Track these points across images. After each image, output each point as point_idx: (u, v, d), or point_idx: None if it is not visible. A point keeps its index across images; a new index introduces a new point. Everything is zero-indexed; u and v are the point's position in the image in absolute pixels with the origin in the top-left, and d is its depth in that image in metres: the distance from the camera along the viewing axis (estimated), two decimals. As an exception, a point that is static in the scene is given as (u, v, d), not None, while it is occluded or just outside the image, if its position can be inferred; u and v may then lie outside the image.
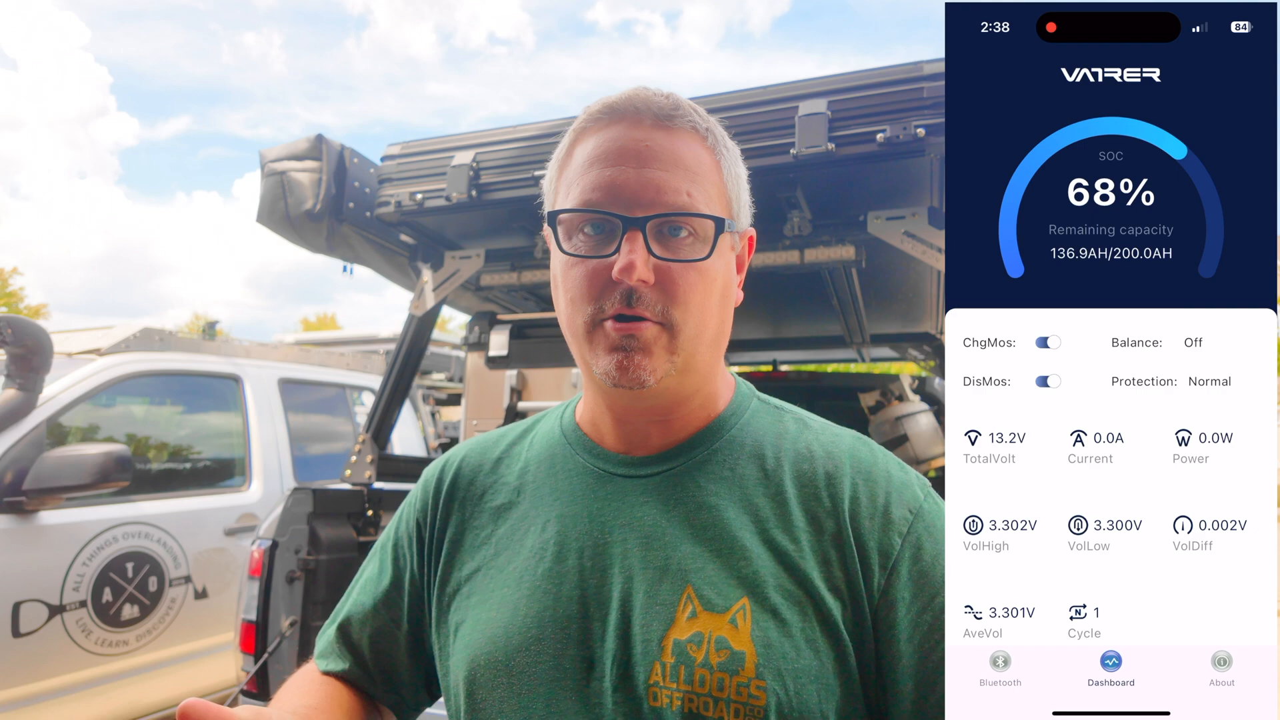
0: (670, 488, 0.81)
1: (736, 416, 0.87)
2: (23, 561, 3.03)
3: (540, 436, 0.93)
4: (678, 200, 0.76)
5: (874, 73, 2.18)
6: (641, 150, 0.77)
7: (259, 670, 2.51)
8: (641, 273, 0.74)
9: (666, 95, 0.80)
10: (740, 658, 0.72)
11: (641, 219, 0.75)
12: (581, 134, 0.82)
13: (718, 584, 0.75)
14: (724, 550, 0.76)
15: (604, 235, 0.77)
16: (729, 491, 0.80)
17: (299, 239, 2.90)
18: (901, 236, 2.31)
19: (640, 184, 0.76)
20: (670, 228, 0.77)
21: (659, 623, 0.74)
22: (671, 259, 0.76)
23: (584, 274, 0.78)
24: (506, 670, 0.78)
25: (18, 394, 3.11)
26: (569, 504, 0.84)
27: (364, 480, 2.89)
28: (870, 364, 5.57)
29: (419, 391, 5.88)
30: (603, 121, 0.80)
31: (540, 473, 0.88)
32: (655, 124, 0.78)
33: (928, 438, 3.49)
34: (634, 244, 0.75)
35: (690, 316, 0.77)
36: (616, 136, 0.78)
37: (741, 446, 0.84)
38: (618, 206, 0.76)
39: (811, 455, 0.82)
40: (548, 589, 0.80)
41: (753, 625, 0.73)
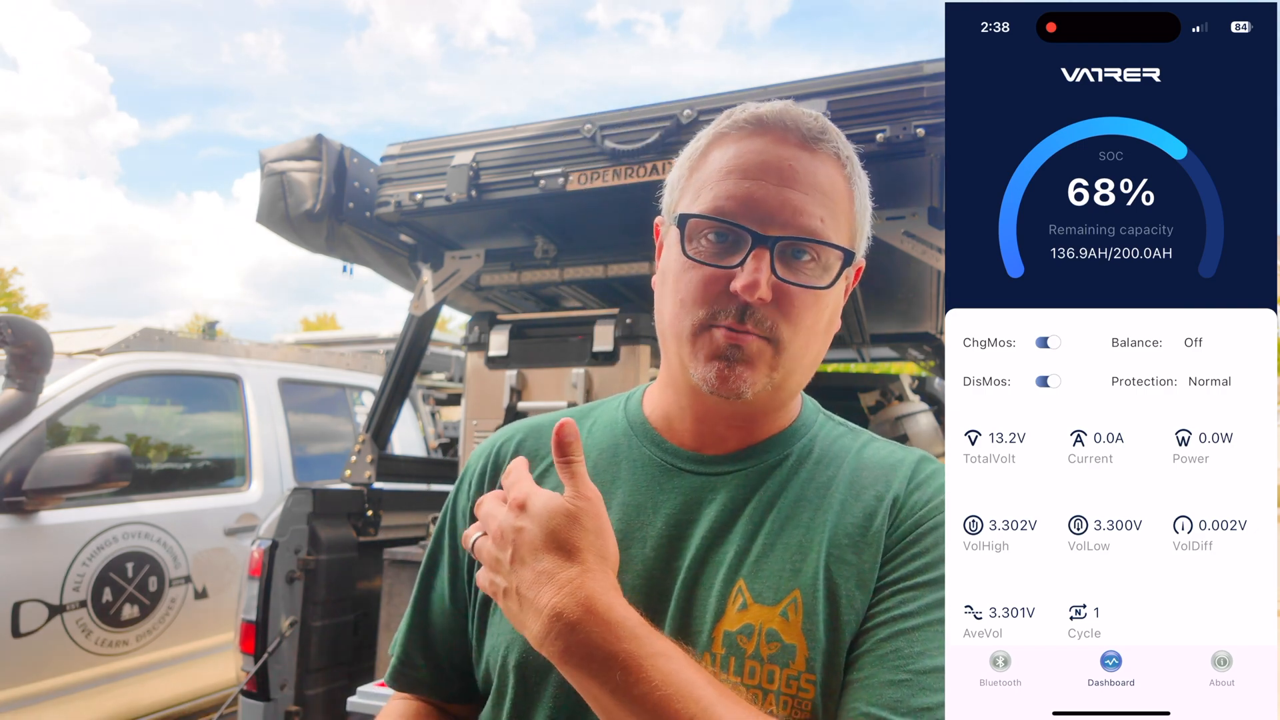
0: (738, 488, 0.83)
1: (807, 428, 0.88)
2: (23, 561, 3.03)
3: (601, 424, 0.94)
4: (811, 225, 0.76)
5: (874, 73, 2.18)
6: (784, 168, 0.77)
7: (259, 670, 2.51)
8: (763, 292, 0.75)
9: (815, 117, 0.80)
10: (791, 651, 0.73)
11: (774, 238, 0.76)
12: (721, 139, 0.81)
13: (769, 578, 0.76)
14: (779, 546, 0.78)
15: (729, 245, 0.77)
16: (793, 495, 0.82)
17: (299, 239, 2.90)
18: (901, 236, 2.31)
19: (778, 202, 0.76)
20: (795, 250, 0.77)
21: (710, 614, 0.76)
22: (793, 282, 0.77)
23: (701, 279, 0.78)
24: None
25: (18, 394, 3.11)
26: (633, 494, 0.85)
27: (364, 480, 2.89)
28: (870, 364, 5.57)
29: (419, 391, 5.87)
30: (747, 130, 0.79)
31: (602, 460, 0.89)
32: (801, 144, 0.78)
33: (928, 438, 3.49)
34: (760, 261, 0.75)
35: (799, 338, 0.78)
36: (760, 150, 0.78)
37: (810, 455, 0.86)
38: (751, 221, 0.76)
39: (877, 465, 0.84)
40: None
41: (804, 618, 0.74)
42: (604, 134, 2.40)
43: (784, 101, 0.82)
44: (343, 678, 2.65)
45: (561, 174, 2.45)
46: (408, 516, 3.02)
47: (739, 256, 0.76)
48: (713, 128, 0.83)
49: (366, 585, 2.75)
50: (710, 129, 0.83)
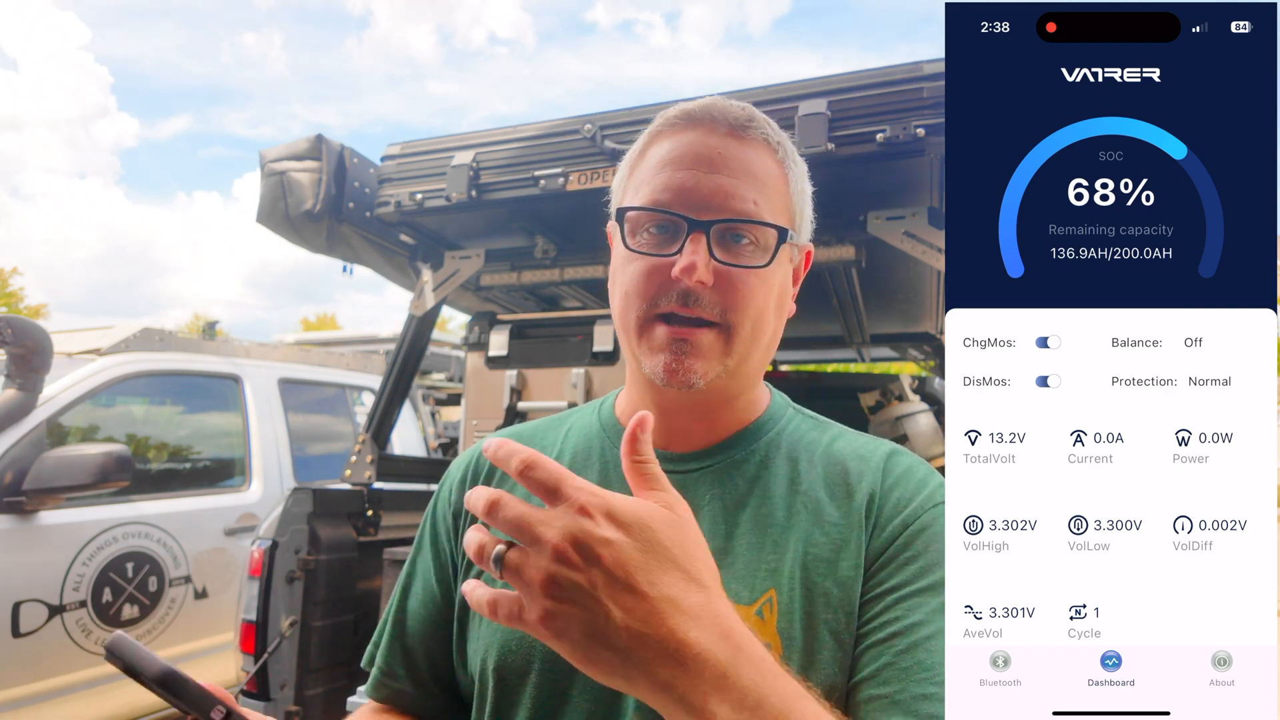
0: (708, 484, 0.84)
1: (774, 421, 0.89)
2: (23, 561, 3.03)
3: (576, 429, 0.94)
4: (744, 207, 0.79)
5: (874, 73, 2.18)
6: (714, 156, 0.80)
7: (259, 670, 2.51)
8: (701, 274, 0.76)
9: (743, 106, 0.82)
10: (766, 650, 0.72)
11: (707, 222, 0.78)
12: (656, 137, 0.84)
13: (745, 577, 0.76)
14: (754, 545, 0.78)
15: (668, 235, 0.80)
16: (763, 490, 0.82)
17: (299, 239, 2.90)
18: (901, 236, 2.31)
19: (710, 189, 0.78)
20: (733, 234, 0.79)
21: None
22: (732, 264, 0.78)
23: (643, 270, 0.80)
24: (541, 655, 0.79)
25: (18, 394, 3.11)
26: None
27: (364, 480, 2.89)
28: (870, 364, 5.57)
29: (419, 391, 5.87)
30: (679, 126, 0.82)
31: (576, 463, 0.90)
32: (730, 132, 0.81)
33: (928, 438, 3.49)
34: (697, 245, 0.77)
35: (747, 320, 0.80)
36: (691, 142, 0.81)
37: (779, 449, 0.86)
38: (685, 208, 0.78)
39: (846, 457, 0.84)
40: None
41: (779, 617, 0.74)
42: (604, 134, 2.40)
43: (714, 96, 0.84)
44: (343, 678, 2.65)
45: (561, 174, 2.45)
46: (408, 516, 3.03)
47: (678, 244, 0.78)
48: (649, 128, 0.86)
49: (366, 585, 2.75)
50: (646, 130, 0.86)
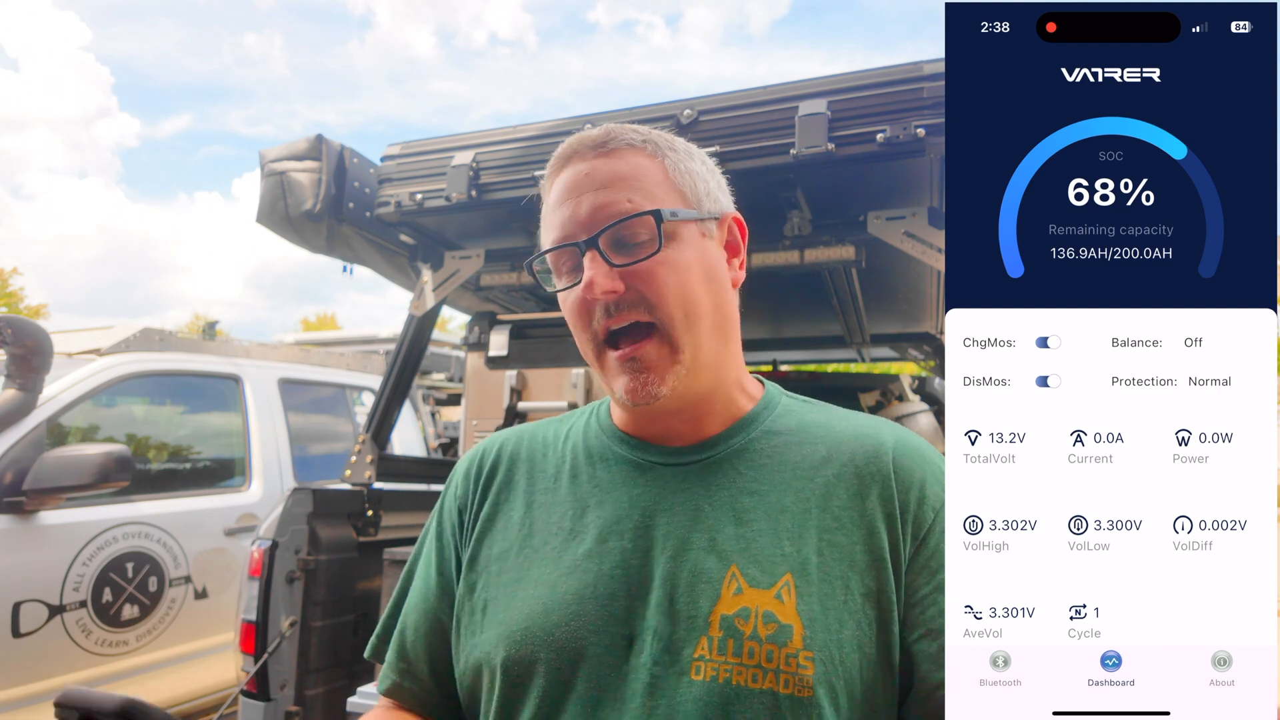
0: (711, 474, 0.85)
1: (769, 410, 0.91)
2: (23, 561, 3.03)
3: (576, 430, 0.97)
4: (619, 209, 0.82)
5: (874, 73, 2.18)
6: (583, 180, 0.84)
7: (259, 670, 2.51)
8: (604, 285, 0.80)
9: (602, 128, 0.87)
10: (788, 630, 0.75)
11: (592, 238, 0.82)
12: (547, 189, 0.89)
13: (761, 561, 0.78)
14: (766, 530, 0.80)
15: (576, 264, 0.84)
16: (769, 475, 0.84)
17: (299, 239, 2.90)
18: (901, 236, 2.31)
19: (586, 209, 0.83)
20: (624, 234, 0.82)
21: (705, 599, 0.78)
22: (631, 261, 0.81)
23: (572, 304, 0.84)
24: (546, 646, 0.80)
25: (18, 394, 3.11)
26: (609, 491, 0.87)
27: (364, 480, 2.89)
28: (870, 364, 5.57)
29: (419, 391, 5.87)
30: (556, 169, 0.88)
31: (579, 462, 0.92)
32: (594, 154, 0.85)
33: (928, 438, 3.49)
34: (592, 261, 0.81)
35: (676, 308, 0.82)
36: (566, 178, 0.86)
37: (777, 435, 0.88)
38: (575, 236, 0.83)
39: (849, 438, 0.86)
40: (588, 568, 0.83)
41: (798, 599, 0.76)
42: (604, 134, 2.40)
43: (581, 130, 0.89)
44: (343, 678, 2.65)
45: (561, 174, 2.44)
46: (408, 516, 3.02)
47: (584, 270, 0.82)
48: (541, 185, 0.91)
49: (366, 585, 2.75)
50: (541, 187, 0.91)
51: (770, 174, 2.24)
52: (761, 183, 2.30)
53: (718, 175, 0.93)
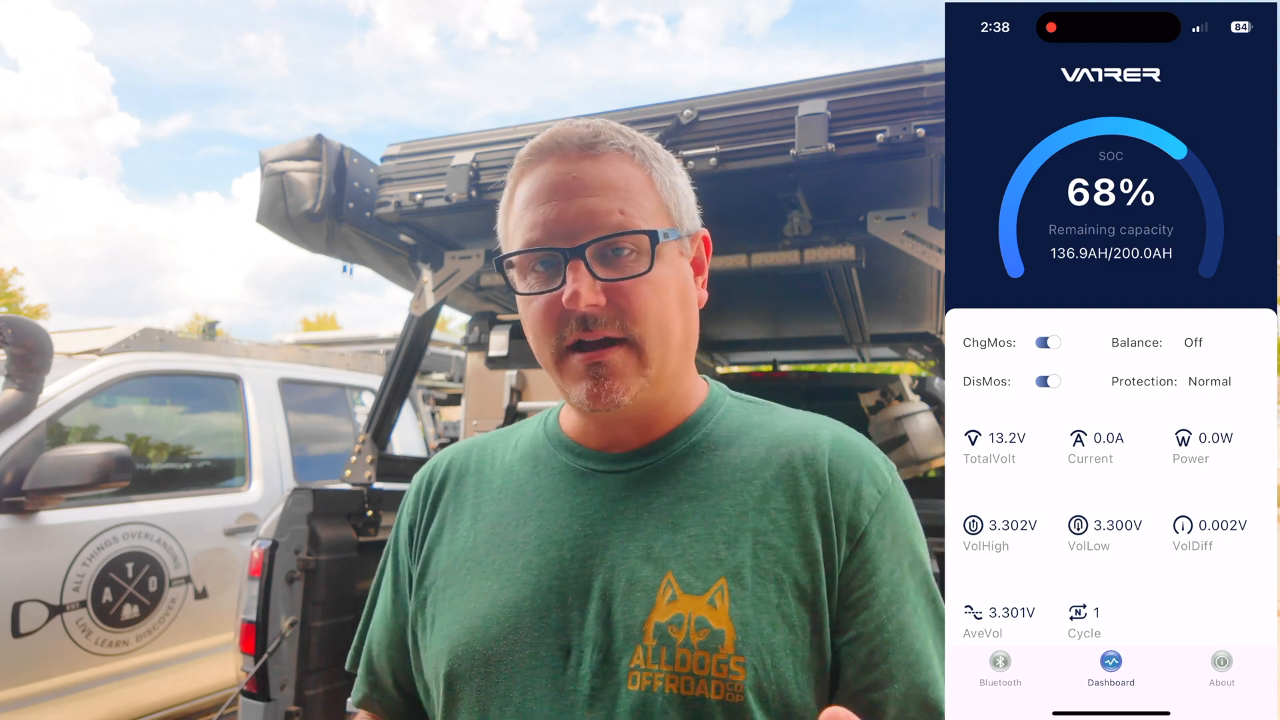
0: (650, 481, 0.84)
1: (711, 413, 0.90)
2: (23, 561, 3.03)
3: (524, 440, 0.96)
4: (611, 221, 0.79)
5: (874, 73, 2.18)
6: (569, 182, 0.80)
7: (259, 670, 2.51)
8: (588, 298, 0.78)
9: (587, 124, 0.83)
10: (720, 636, 0.74)
11: (579, 247, 0.79)
12: (517, 179, 0.85)
13: (696, 568, 0.78)
14: (702, 536, 0.79)
15: (552, 269, 0.81)
16: (707, 480, 0.83)
17: (299, 239, 2.90)
18: (901, 236, 2.31)
19: (574, 214, 0.79)
20: (612, 249, 0.80)
21: (640, 608, 0.77)
22: (618, 277, 0.79)
23: (540, 309, 0.81)
24: (484, 660, 0.80)
25: (18, 394, 3.11)
26: (550, 500, 0.86)
27: (364, 480, 2.89)
28: (870, 364, 5.58)
29: (419, 391, 5.88)
30: (533, 163, 0.84)
31: (523, 472, 0.91)
32: (580, 154, 0.81)
33: (928, 438, 3.49)
34: (577, 272, 0.78)
35: (651, 328, 0.80)
36: (546, 174, 0.82)
37: (718, 439, 0.87)
38: (556, 240, 0.80)
39: (788, 440, 0.85)
40: (526, 579, 0.82)
41: (730, 604, 0.76)
42: (604, 134, 2.40)
43: (561, 123, 0.84)
44: (343, 678, 2.65)
45: (561, 174, 2.44)
46: (408, 516, 3.02)
47: (561, 276, 0.80)
48: (510, 171, 0.87)
49: (366, 585, 2.75)
50: (509, 173, 0.87)
51: (770, 174, 2.24)
52: (761, 183, 2.30)
53: (691, 189, 0.91)
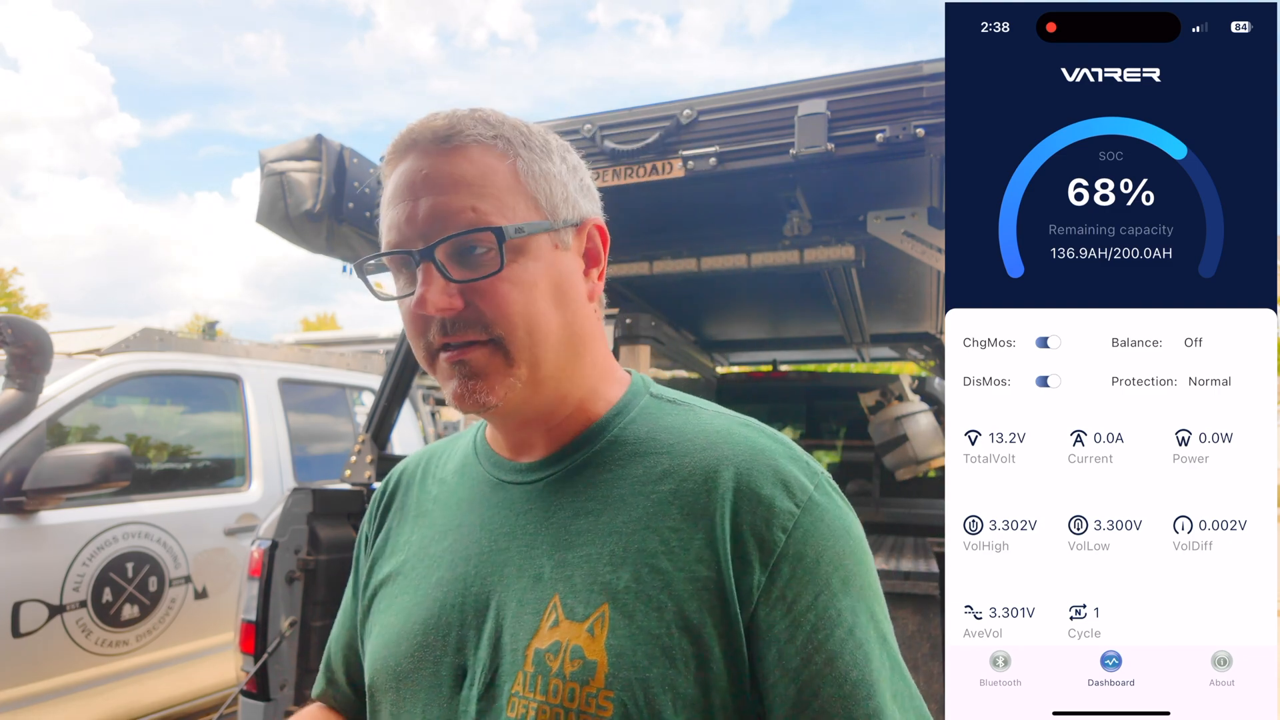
0: (551, 494, 0.79)
1: (621, 416, 0.82)
2: (23, 561, 3.03)
3: (460, 449, 0.93)
4: (462, 220, 0.74)
5: (873, 73, 2.18)
6: (421, 180, 0.75)
7: (259, 670, 2.51)
8: (439, 302, 0.73)
9: (448, 115, 0.77)
10: (591, 667, 0.69)
11: (429, 249, 0.74)
12: (387, 172, 0.80)
13: (582, 591, 0.72)
14: (592, 556, 0.74)
15: (411, 271, 0.76)
16: (605, 493, 0.77)
17: (299, 239, 2.90)
18: (901, 236, 2.31)
19: (424, 214, 0.74)
20: (465, 247, 0.74)
21: (525, 632, 0.73)
22: (474, 278, 0.74)
23: (407, 312, 0.77)
24: (395, 676, 0.79)
25: (18, 394, 3.11)
26: (467, 513, 0.84)
27: (364, 480, 2.89)
28: (870, 364, 5.58)
29: (419, 391, 5.88)
30: (394, 158, 0.78)
31: (453, 482, 0.88)
32: (435, 149, 0.76)
33: (928, 438, 3.49)
34: (427, 275, 0.74)
35: (517, 328, 0.75)
36: (403, 172, 0.77)
37: (623, 446, 0.79)
38: (411, 241, 0.75)
39: (695, 449, 0.76)
40: (435, 596, 0.80)
41: (608, 633, 0.70)
42: (603, 134, 2.40)
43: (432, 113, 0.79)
44: (343, 678, 2.65)
45: (561, 174, 2.44)
46: (408, 516, 3.02)
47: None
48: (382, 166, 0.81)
49: (366, 585, 2.75)
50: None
51: (770, 174, 2.24)
52: (761, 183, 2.30)
53: (581, 175, 0.85)
